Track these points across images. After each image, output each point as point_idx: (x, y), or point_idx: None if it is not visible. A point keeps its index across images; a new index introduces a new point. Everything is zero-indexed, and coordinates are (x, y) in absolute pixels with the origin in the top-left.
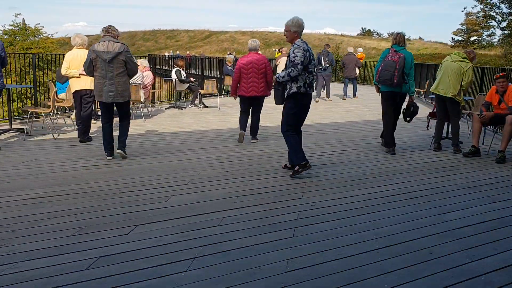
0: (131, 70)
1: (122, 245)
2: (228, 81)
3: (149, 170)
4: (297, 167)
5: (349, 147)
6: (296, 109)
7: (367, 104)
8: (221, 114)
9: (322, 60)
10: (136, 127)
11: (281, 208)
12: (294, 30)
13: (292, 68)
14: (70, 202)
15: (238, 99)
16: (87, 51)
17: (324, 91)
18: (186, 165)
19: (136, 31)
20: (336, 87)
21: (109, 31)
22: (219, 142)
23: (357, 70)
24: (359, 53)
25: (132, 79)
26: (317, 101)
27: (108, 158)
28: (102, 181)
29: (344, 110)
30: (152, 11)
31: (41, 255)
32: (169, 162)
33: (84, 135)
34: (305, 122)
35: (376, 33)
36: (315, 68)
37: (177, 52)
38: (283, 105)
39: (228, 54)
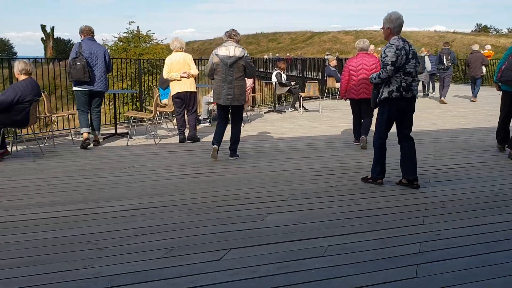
0: (250, 74)
1: (213, 274)
2: (331, 83)
3: (246, 181)
4: (370, 178)
5: (474, 159)
6: (388, 116)
7: (488, 107)
8: (323, 118)
9: (444, 59)
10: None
11: (399, 237)
12: (388, 26)
13: (381, 69)
14: (163, 216)
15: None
16: (186, 54)
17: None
18: (285, 177)
19: (241, 35)
20: (454, 89)
21: (232, 36)
22: (322, 150)
23: (484, 68)
24: (487, 51)
25: None
26: (442, 102)
27: (213, 145)
28: (197, 192)
29: (463, 115)
30: (255, 15)
31: (125, 281)
32: (267, 173)
33: (193, 133)
34: (419, 129)
35: (493, 29)
36: (436, 68)
37: (277, 54)
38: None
39: (327, 55)
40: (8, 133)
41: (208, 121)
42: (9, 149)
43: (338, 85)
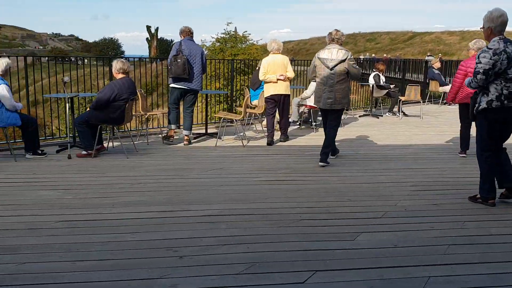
0: (354, 77)
1: None
2: (433, 86)
3: (336, 192)
4: (479, 197)
5: None
6: (488, 129)
7: None
8: (424, 125)
9: None
10: (314, 136)
11: None
12: (488, 25)
13: (472, 77)
14: (246, 226)
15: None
16: (283, 56)
17: None
18: (381, 190)
19: None
20: None
21: (334, 40)
22: (422, 161)
23: None
24: None
25: None
26: None
27: (319, 164)
28: (282, 201)
29: None
30: (352, 15)
31: None
32: (360, 184)
33: (285, 135)
34: None
35: None
36: None
37: (373, 55)
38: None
39: (428, 56)
40: (106, 130)
41: (297, 123)
42: (105, 145)
43: (441, 89)
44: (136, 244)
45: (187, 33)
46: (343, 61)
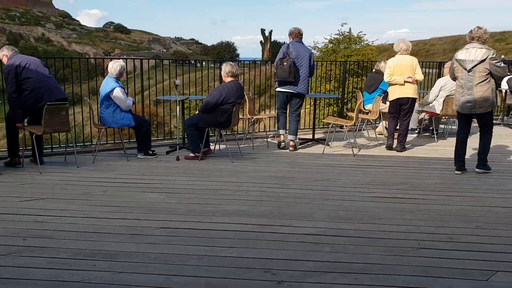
0: (498, 76)
1: None
2: None
3: (462, 215)
4: None
5: None
6: None
7: None
8: None
9: None
10: (435, 147)
11: None
12: None
13: None
14: (354, 251)
15: None
16: (412, 57)
17: None
18: None
19: (460, 35)
20: None
21: (475, 38)
22: None
23: None
24: None
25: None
26: None
27: (456, 172)
28: (398, 223)
29: None
30: (478, 13)
31: None
32: (492, 208)
33: (401, 144)
34: None
35: None
36: None
37: (502, 56)
38: None
39: None
40: (213, 132)
41: (416, 131)
42: (212, 147)
43: None
44: (232, 261)
45: (296, 35)
46: (483, 61)
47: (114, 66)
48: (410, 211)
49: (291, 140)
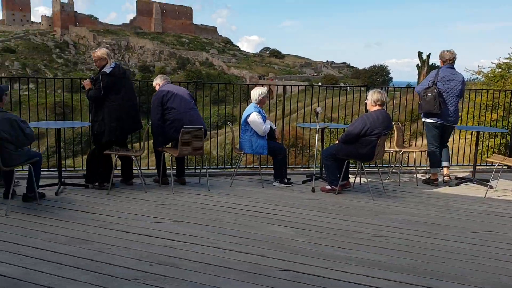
0: None
1: None
2: None
3: None
4: None
5: None
6: None
7: None
8: None
9: None
10: None
11: None
12: None
13: None
14: None
15: None
16: None
17: None
18: None
19: None
20: None
21: None
22: None
23: None
24: None
25: None
26: None
27: None
28: None
29: None
30: None
31: None
32: None
33: None
34: None
35: None
36: None
37: None
38: None
39: None
40: (353, 164)
41: None
42: (351, 180)
43: None
44: None
45: (449, 60)
46: None
47: (255, 93)
48: None
49: (445, 167)
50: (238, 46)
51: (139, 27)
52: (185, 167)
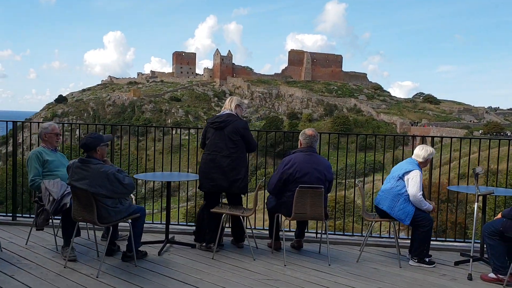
0: None
1: None
2: None
3: None
4: None
5: None
6: None
7: None
8: None
9: None
10: None
11: None
12: None
13: None
14: None
15: None
16: None
17: None
18: None
19: None
20: None
21: None
22: None
23: None
24: None
25: None
26: None
27: None
28: None
29: None
30: None
31: None
32: None
33: None
34: None
35: None
36: None
37: None
38: None
39: None
40: None
41: None
42: None
43: None
44: None
45: None
46: None
47: (423, 150)
48: None
49: None
50: (389, 92)
51: (289, 76)
52: (306, 230)
